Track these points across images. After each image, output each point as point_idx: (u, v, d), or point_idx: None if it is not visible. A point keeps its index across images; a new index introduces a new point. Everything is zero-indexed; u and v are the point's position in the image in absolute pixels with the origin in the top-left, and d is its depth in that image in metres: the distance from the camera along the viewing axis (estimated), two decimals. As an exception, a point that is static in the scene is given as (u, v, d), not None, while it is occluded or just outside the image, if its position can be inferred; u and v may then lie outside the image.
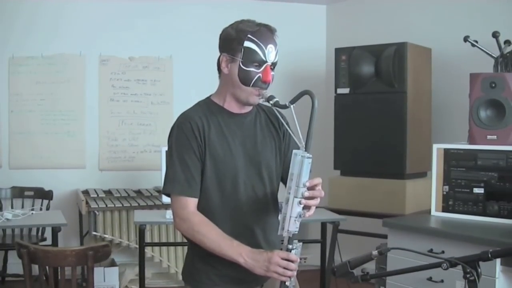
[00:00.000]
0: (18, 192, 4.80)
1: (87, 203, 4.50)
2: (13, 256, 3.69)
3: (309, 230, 5.10)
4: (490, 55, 3.73)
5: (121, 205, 4.55)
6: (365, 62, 4.13)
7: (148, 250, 4.55)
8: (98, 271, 4.20)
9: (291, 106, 1.79)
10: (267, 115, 2.04)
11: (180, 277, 2.49)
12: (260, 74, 1.87)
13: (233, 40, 1.88)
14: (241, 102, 1.94)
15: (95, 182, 5.05)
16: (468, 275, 1.54)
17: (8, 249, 4.47)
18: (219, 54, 1.95)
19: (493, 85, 3.14)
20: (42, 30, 4.95)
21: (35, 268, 2.65)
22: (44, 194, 4.75)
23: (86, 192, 4.80)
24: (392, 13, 4.94)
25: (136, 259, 4.17)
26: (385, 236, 3.25)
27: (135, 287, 4.53)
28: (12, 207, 4.53)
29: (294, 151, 1.76)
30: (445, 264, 1.59)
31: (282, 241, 1.80)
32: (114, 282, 4.38)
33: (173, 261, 4.72)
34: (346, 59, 4.23)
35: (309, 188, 1.75)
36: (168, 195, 1.94)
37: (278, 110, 1.91)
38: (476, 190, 3.09)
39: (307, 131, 1.74)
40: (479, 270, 1.55)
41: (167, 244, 4.67)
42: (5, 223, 3.64)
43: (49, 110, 5.01)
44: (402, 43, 4.00)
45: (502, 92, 3.13)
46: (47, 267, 3.00)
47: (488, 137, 3.15)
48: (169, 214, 3.63)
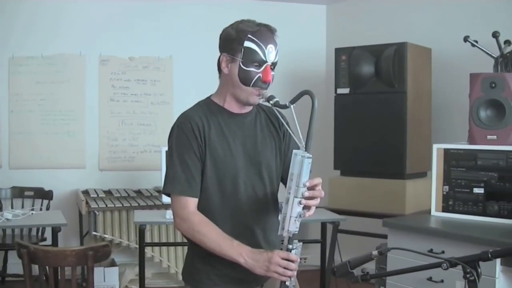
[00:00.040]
0: (18, 192, 4.80)
1: (87, 203, 4.50)
2: (13, 256, 3.69)
3: (309, 230, 5.09)
4: (490, 55, 3.73)
5: (121, 205, 4.55)
6: (365, 62, 4.13)
7: (148, 250, 4.55)
8: (98, 271, 4.20)
9: (291, 106, 1.79)
10: (267, 115, 2.04)
11: (180, 277, 2.49)
12: (260, 74, 1.87)
13: (233, 40, 1.88)
14: (241, 102, 1.94)
15: (95, 182, 5.05)
16: (468, 275, 1.54)
17: (8, 249, 4.47)
18: (219, 54, 1.95)
19: (493, 85, 3.14)
20: (42, 30, 4.95)
21: (35, 268, 2.65)
22: (44, 194, 4.75)
23: (86, 192, 4.80)
24: (392, 13, 4.94)
25: (136, 259, 4.17)
26: (385, 236, 3.25)
27: (135, 287, 4.53)
28: (12, 207, 4.53)
29: (294, 151, 1.76)
30: (445, 264, 1.59)
31: (282, 241, 1.80)
32: (114, 282, 4.38)
33: (173, 261, 4.72)
34: (346, 59, 4.23)
35: (309, 188, 1.75)
36: (168, 195, 1.94)
37: (278, 110, 1.91)
38: (476, 190, 3.09)
39: (307, 131, 1.74)
40: (479, 270, 1.55)
41: (167, 244, 4.67)
42: (5, 223, 3.64)
43: (49, 110, 5.01)
44: (402, 43, 4.00)
45: (502, 92, 3.13)
46: (47, 267, 2.99)
47: (488, 137, 3.14)
48: (169, 214, 3.63)
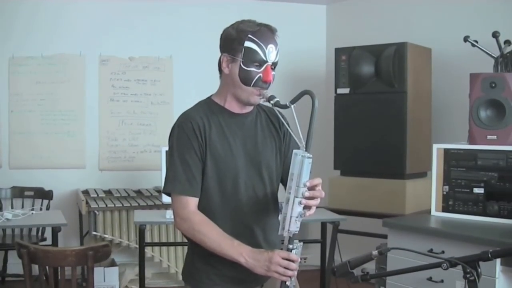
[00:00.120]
0: (18, 192, 4.79)
1: (87, 203, 4.50)
2: (13, 256, 3.70)
3: (309, 230, 5.09)
4: (490, 55, 3.74)
5: (121, 205, 4.55)
6: (365, 62, 4.13)
7: (148, 250, 4.55)
8: (98, 271, 4.20)
9: (292, 106, 1.79)
10: (268, 116, 2.04)
11: (180, 277, 2.49)
12: (261, 74, 1.87)
13: (234, 40, 1.88)
14: (242, 102, 1.94)
15: (95, 182, 5.05)
16: (468, 275, 1.54)
17: (8, 249, 4.47)
18: (220, 54, 1.95)
19: (493, 85, 3.14)
20: (42, 30, 4.95)
21: (35, 268, 2.64)
22: (44, 194, 4.74)
23: (86, 192, 4.80)
24: (392, 13, 4.94)
25: (136, 259, 4.17)
26: (385, 236, 3.25)
27: (135, 287, 4.53)
28: (12, 207, 4.53)
29: (295, 151, 1.76)
30: (445, 264, 1.59)
31: (283, 241, 1.80)
32: (114, 282, 4.38)
33: (173, 261, 4.72)
34: (346, 59, 4.23)
35: (309, 189, 1.75)
36: (169, 195, 1.94)
37: (279, 110, 1.91)
38: (476, 190, 3.09)
39: (308, 131, 1.74)
40: (479, 270, 1.55)
41: (167, 244, 4.67)
42: (5, 223, 3.64)
43: (49, 110, 5.01)
44: (402, 43, 4.00)
45: (502, 92, 3.13)
46: (47, 267, 3.00)
47: (488, 137, 3.15)
48: (169, 214, 3.63)
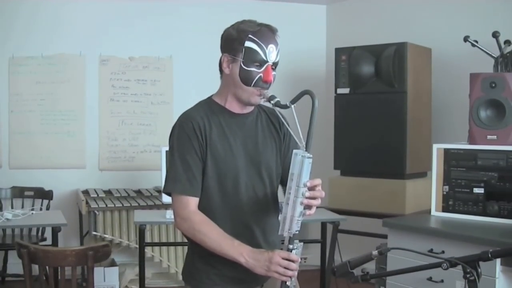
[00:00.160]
0: (18, 192, 4.79)
1: (87, 203, 4.50)
2: (13, 256, 3.70)
3: (309, 230, 5.09)
4: (490, 55, 3.74)
5: (121, 205, 4.55)
6: (365, 62, 4.13)
7: (148, 250, 4.55)
8: (98, 271, 4.20)
9: (292, 106, 1.80)
10: (268, 116, 2.04)
11: (180, 277, 2.49)
12: (261, 74, 1.87)
13: (234, 40, 1.88)
14: (243, 102, 1.94)
15: (95, 182, 5.05)
16: (468, 275, 1.54)
17: (8, 249, 4.47)
18: (221, 55, 1.95)
19: (493, 85, 3.14)
20: (42, 30, 4.95)
21: (35, 268, 2.64)
22: (44, 194, 4.74)
23: (86, 192, 4.80)
24: (392, 13, 4.94)
25: (136, 259, 4.17)
26: (385, 236, 3.25)
27: (135, 287, 4.53)
28: (12, 207, 4.52)
29: (295, 151, 1.76)
30: (445, 264, 1.59)
31: (283, 241, 1.80)
32: (114, 282, 4.38)
33: (173, 261, 4.72)
34: (346, 59, 4.23)
35: (309, 189, 1.75)
36: (169, 194, 1.94)
37: (279, 111, 1.91)
38: (476, 190, 3.09)
39: (308, 131, 1.74)
40: (479, 270, 1.55)
41: (167, 244, 4.67)
42: (5, 223, 3.64)
43: (49, 110, 5.01)
44: (402, 43, 4.00)
45: (502, 92, 3.13)
46: (47, 267, 3.00)
47: (488, 137, 3.15)
48: (169, 214, 3.63)
